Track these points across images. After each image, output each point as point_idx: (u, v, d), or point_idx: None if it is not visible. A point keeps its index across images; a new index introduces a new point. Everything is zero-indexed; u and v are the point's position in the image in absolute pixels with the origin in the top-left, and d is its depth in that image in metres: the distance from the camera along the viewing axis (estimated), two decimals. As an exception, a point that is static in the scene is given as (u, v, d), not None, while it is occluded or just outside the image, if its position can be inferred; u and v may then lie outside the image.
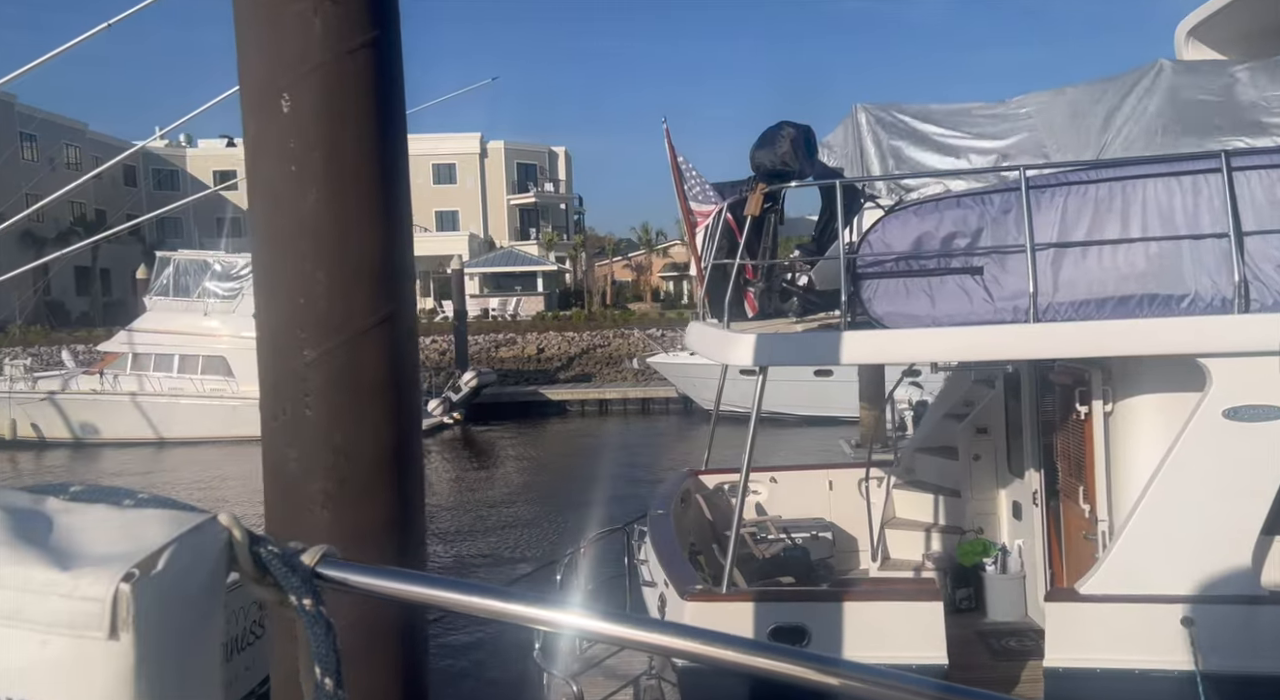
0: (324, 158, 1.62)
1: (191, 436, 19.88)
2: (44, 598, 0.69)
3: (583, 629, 0.83)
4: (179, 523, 0.74)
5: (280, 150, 1.63)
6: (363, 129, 1.66)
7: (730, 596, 5.06)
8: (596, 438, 22.04)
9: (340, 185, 1.63)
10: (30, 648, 0.69)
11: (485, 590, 0.84)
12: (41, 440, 20.90)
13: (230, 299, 21.51)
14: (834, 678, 0.76)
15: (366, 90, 1.66)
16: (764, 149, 5.43)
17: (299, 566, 0.79)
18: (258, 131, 1.67)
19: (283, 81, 1.63)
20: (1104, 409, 5.18)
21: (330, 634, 0.79)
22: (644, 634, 0.83)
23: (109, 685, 0.68)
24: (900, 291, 4.99)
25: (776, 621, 4.95)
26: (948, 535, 7.25)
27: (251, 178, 1.71)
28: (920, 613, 4.81)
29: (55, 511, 0.76)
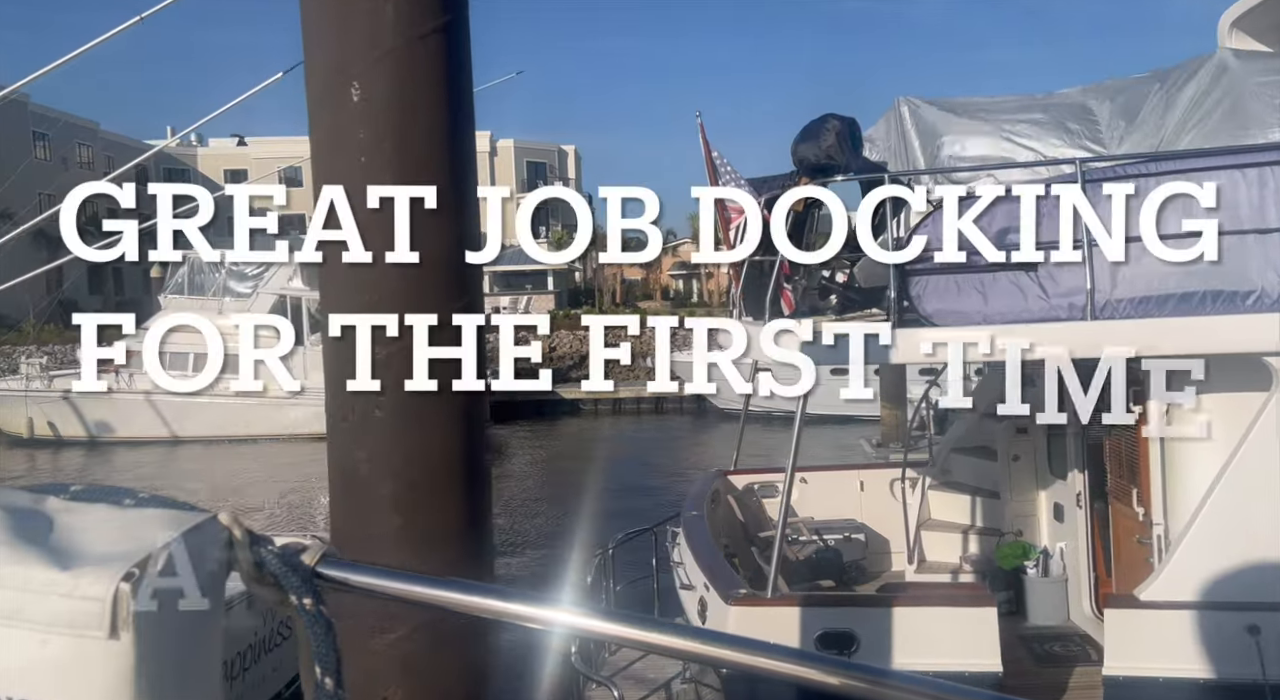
0: (394, 148, 1.57)
1: (207, 435, 19.84)
2: (44, 597, 0.68)
3: (582, 628, 0.82)
4: (179, 522, 0.74)
5: (350, 141, 1.58)
6: (433, 118, 1.61)
7: (775, 601, 4.92)
8: (612, 437, 21.95)
9: (410, 177, 1.59)
10: (30, 647, 0.68)
11: (485, 591, 0.84)
12: (58, 439, 20.90)
13: (246, 297, 21.46)
14: (835, 678, 0.74)
15: (437, 78, 1.61)
16: (807, 142, 5.29)
17: (299, 566, 0.79)
18: (327, 121, 1.63)
19: (353, 69, 1.57)
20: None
21: (330, 633, 0.78)
22: (644, 633, 0.81)
23: (109, 685, 0.68)
24: (950, 288, 4.85)
25: (823, 627, 4.82)
26: (985, 537, 7.10)
27: (319, 170, 1.66)
28: (973, 619, 4.67)
29: (55, 511, 0.75)
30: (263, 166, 48.36)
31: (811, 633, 4.81)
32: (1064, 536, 6.48)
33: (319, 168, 1.66)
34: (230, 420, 20.06)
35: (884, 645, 4.72)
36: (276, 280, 21.97)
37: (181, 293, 21.71)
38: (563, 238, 50.63)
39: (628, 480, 15.97)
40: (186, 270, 21.76)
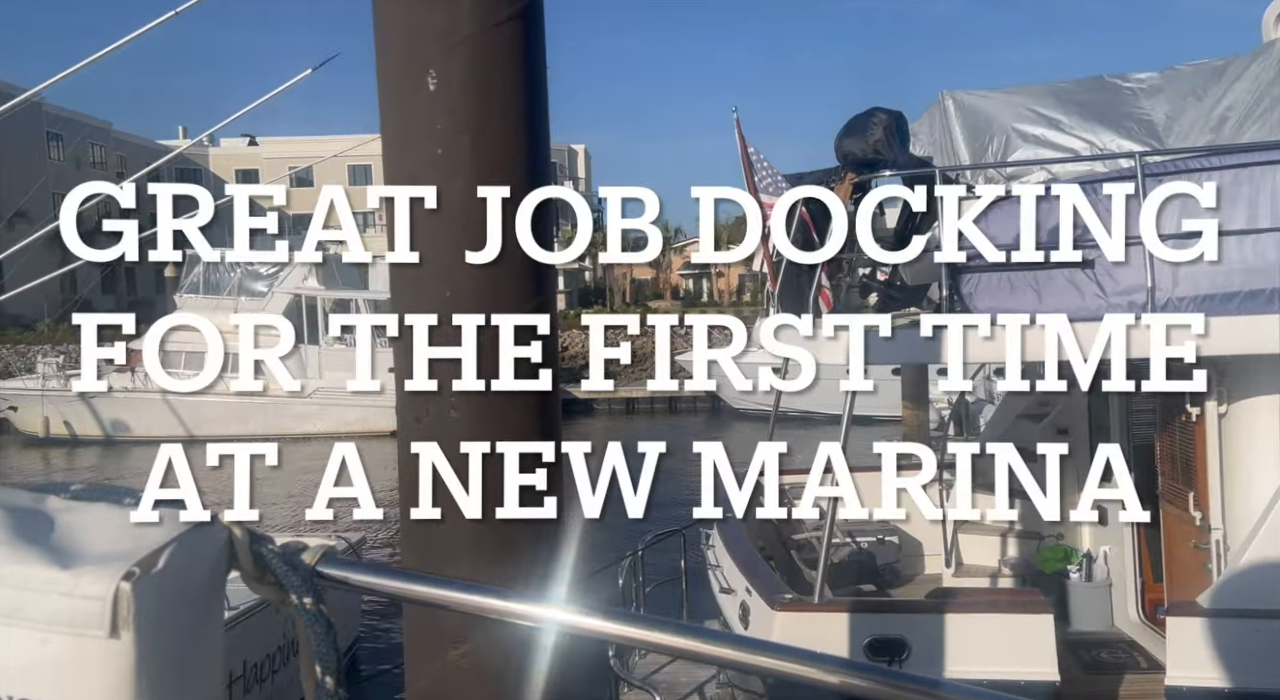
0: (472, 140, 1.51)
1: (222, 434, 19.84)
2: (45, 596, 0.68)
3: (582, 628, 0.82)
4: (179, 522, 0.73)
5: (427, 131, 1.52)
6: (509, 109, 1.55)
7: (823, 606, 4.79)
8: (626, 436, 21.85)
9: (488, 171, 1.51)
10: (31, 646, 0.68)
11: (484, 591, 0.84)
12: (74, 438, 20.94)
13: (260, 297, 21.46)
14: (836, 678, 0.74)
15: (513, 66, 1.54)
16: (853, 136, 5.14)
17: (299, 565, 0.78)
18: (401, 112, 1.55)
19: (429, 56, 1.50)
20: (1218, 411, 4.88)
21: (330, 633, 0.77)
22: (644, 633, 0.80)
23: (109, 684, 0.67)
24: (1004, 286, 4.71)
25: (872, 633, 4.68)
26: (1024, 541, 6.95)
27: (392, 162, 1.58)
28: (1030, 626, 4.53)
29: (56, 510, 0.74)
30: (274, 166, 48.48)
31: (860, 639, 4.68)
32: (1107, 540, 6.34)
33: (392, 160, 1.59)
34: (245, 419, 20.06)
35: (936, 652, 4.59)
36: (291, 280, 21.96)
37: (196, 292, 21.72)
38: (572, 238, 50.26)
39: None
40: (201, 270, 21.77)
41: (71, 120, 43.79)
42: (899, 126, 5.18)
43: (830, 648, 4.99)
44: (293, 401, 20.68)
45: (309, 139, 48.12)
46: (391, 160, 1.58)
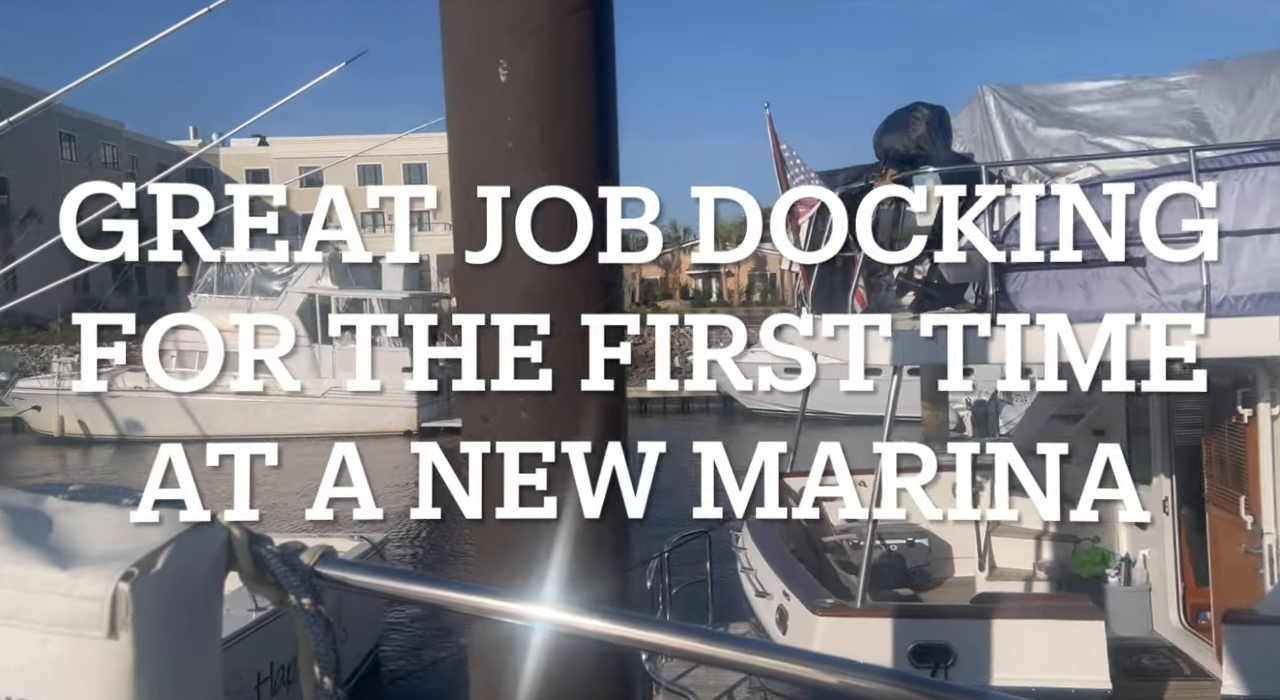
0: (542, 132, 1.47)
1: (235, 434, 19.83)
2: (44, 597, 0.68)
3: (582, 628, 0.82)
4: (178, 522, 0.73)
5: (496, 124, 1.47)
6: (580, 101, 1.51)
7: (866, 612, 4.69)
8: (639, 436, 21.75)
9: (558, 164, 1.48)
10: (30, 646, 0.68)
11: (483, 591, 0.85)
12: (88, 437, 20.96)
13: (275, 296, 21.45)
14: (836, 677, 0.74)
15: (584, 58, 1.51)
16: (895, 132, 5.03)
17: (298, 565, 0.78)
18: (471, 104, 1.50)
19: (500, 46, 1.46)
20: (1271, 412, 4.75)
21: (330, 633, 0.77)
22: (646, 633, 0.80)
23: (108, 684, 0.67)
24: (1051, 285, 4.59)
25: (916, 639, 4.58)
26: (1059, 544, 6.82)
27: (458, 156, 1.54)
28: (1081, 633, 4.41)
29: (55, 511, 0.74)
30: (284, 166, 48.56)
31: (904, 645, 4.57)
32: (1147, 544, 6.21)
33: (459, 153, 1.53)
34: (258, 419, 20.05)
35: (982, 659, 4.48)
36: (304, 280, 21.94)
37: (211, 292, 21.72)
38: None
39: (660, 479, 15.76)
40: (215, 270, 21.76)
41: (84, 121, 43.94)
42: (941, 122, 5.07)
43: (872, 653, 4.88)
44: (306, 401, 20.65)
45: (319, 139, 48.20)
46: (458, 153, 1.54)
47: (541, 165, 1.45)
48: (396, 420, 20.74)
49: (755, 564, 5.85)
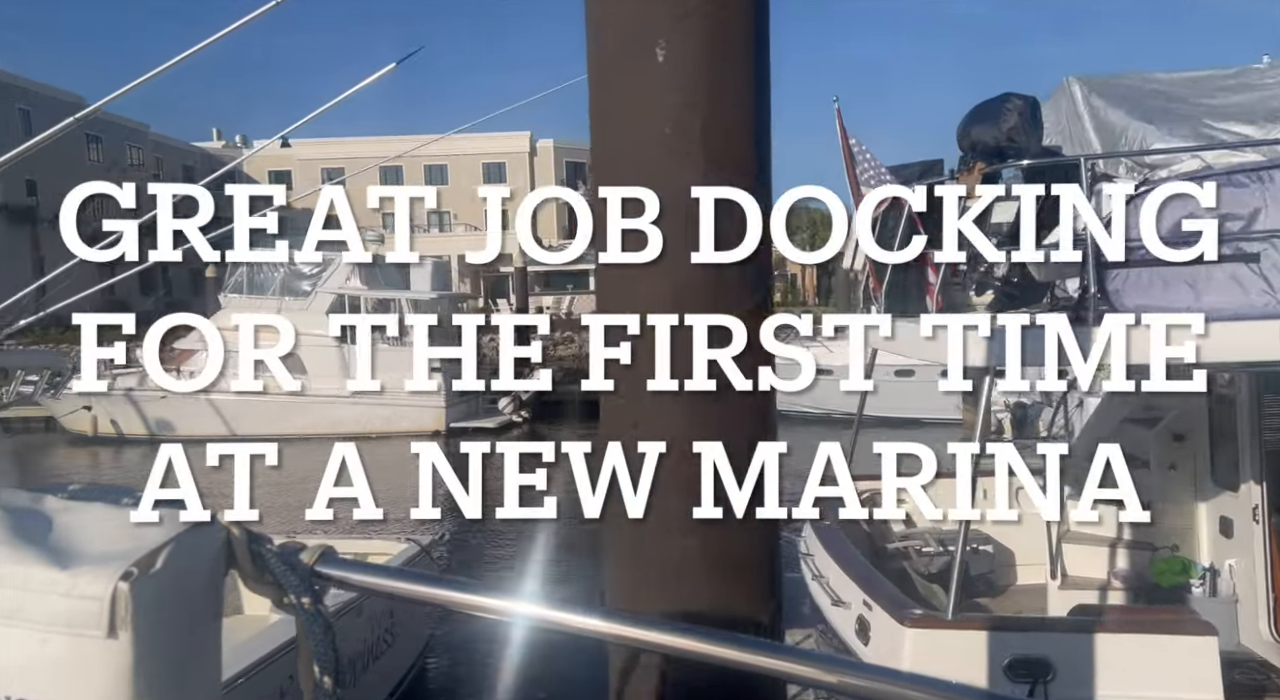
0: (703, 120, 1.39)
1: (265, 433, 19.85)
2: (43, 596, 0.68)
3: (583, 628, 0.81)
4: (177, 522, 0.73)
5: (653, 108, 1.39)
6: (740, 86, 1.44)
7: (958, 624, 4.49)
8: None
9: (718, 154, 1.40)
10: (30, 646, 0.68)
11: (483, 591, 0.84)
12: (120, 437, 21.05)
13: (305, 296, 21.47)
14: (835, 676, 0.73)
15: (744, 41, 1.43)
16: (984, 124, 4.82)
17: (298, 565, 0.78)
18: (626, 88, 1.42)
19: (659, 27, 1.39)
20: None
21: (329, 633, 0.77)
22: (650, 634, 0.80)
23: (108, 684, 0.67)
24: (1156, 283, 4.38)
25: (1014, 652, 4.37)
26: (1135, 552, 6.58)
27: (606, 145, 1.46)
28: (1193, 648, 4.20)
29: (54, 510, 0.74)
30: (306, 167, 48.83)
31: (999, 659, 4.36)
32: (1233, 553, 5.96)
33: (609, 140, 1.44)
34: (288, 419, 20.05)
35: (1085, 674, 4.26)
36: (334, 280, 21.95)
37: (241, 292, 21.77)
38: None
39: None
40: (245, 269, 21.81)
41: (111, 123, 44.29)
42: (1034, 113, 4.86)
43: (966, 667, 4.67)
44: (336, 401, 20.66)
45: (341, 140, 48.39)
46: (606, 141, 1.46)
47: (703, 154, 1.37)
48: (426, 420, 20.70)
49: (826, 571, 5.65)
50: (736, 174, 1.38)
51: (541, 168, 51.53)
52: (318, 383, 20.66)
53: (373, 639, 6.44)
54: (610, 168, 1.42)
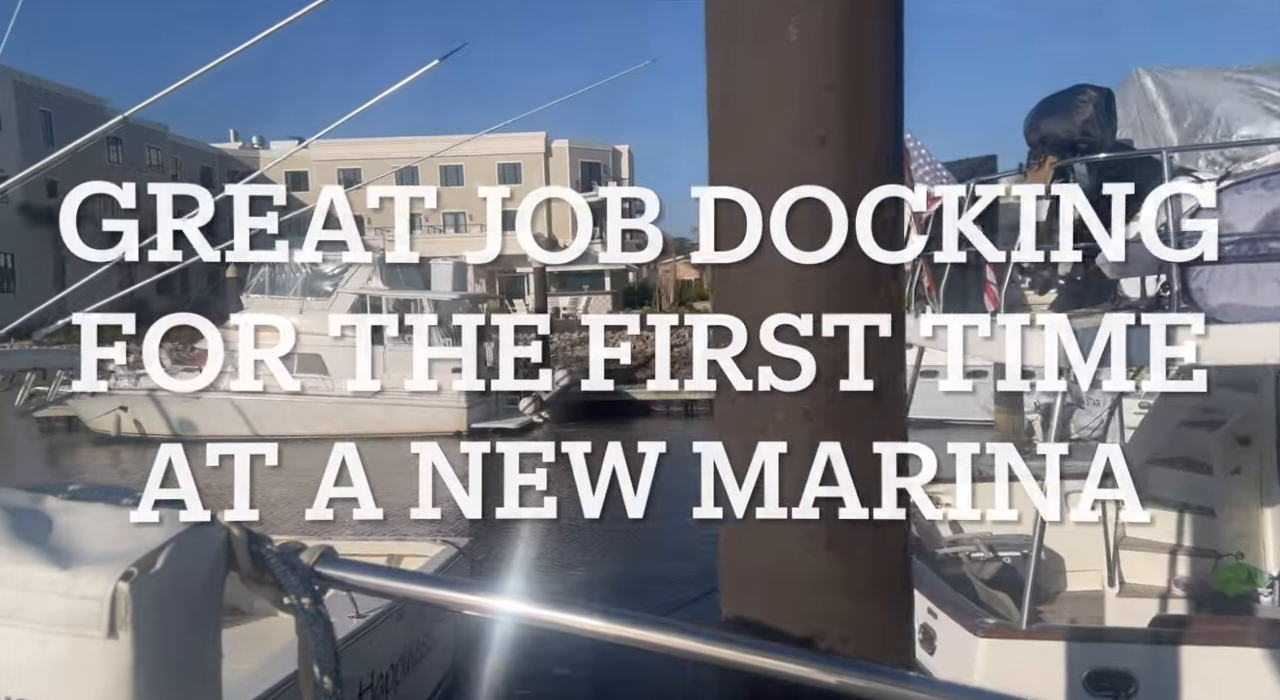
0: (840, 104, 1.30)
1: (286, 433, 19.85)
2: (43, 597, 0.68)
3: (585, 629, 0.80)
4: (177, 522, 0.73)
5: (784, 92, 1.31)
6: (878, 67, 1.35)
7: (1034, 634, 4.33)
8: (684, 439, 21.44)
9: (855, 141, 1.31)
10: (30, 646, 0.68)
11: (483, 591, 0.84)
12: (143, 436, 21.13)
13: (326, 296, 21.48)
14: (835, 677, 0.73)
15: (882, 18, 1.35)
16: (1056, 116, 4.65)
17: (298, 565, 0.78)
18: (751, 71, 1.33)
19: (791, 4, 1.31)
20: None
21: (329, 632, 0.77)
22: (650, 634, 0.78)
23: (108, 684, 0.67)
24: (1243, 280, 4.21)
25: (1092, 665, 4.21)
26: (1198, 559, 6.37)
27: (728, 131, 1.37)
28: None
29: (54, 511, 0.74)
30: (323, 168, 48.98)
31: (1078, 671, 4.20)
32: (1303, 560, 5.78)
33: (733, 126, 1.35)
34: (309, 419, 20.05)
35: (1169, 688, 4.09)
36: (355, 280, 21.95)
37: (263, 292, 21.79)
38: (613, 238, 50.26)
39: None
40: (267, 270, 21.84)
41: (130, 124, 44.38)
42: (1108, 105, 4.69)
43: (1042, 679, 4.51)
44: (357, 401, 20.65)
45: (356, 141, 48.50)
46: (731, 126, 1.36)
47: (839, 137, 1.28)
48: (447, 420, 20.65)
49: (886, 579, 5.50)
50: (873, 162, 1.30)
51: (557, 168, 51.50)
52: (339, 383, 20.70)
53: (412, 640, 6.37)
54: (732, 155, 1.34)
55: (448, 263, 24.56)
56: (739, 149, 1.34)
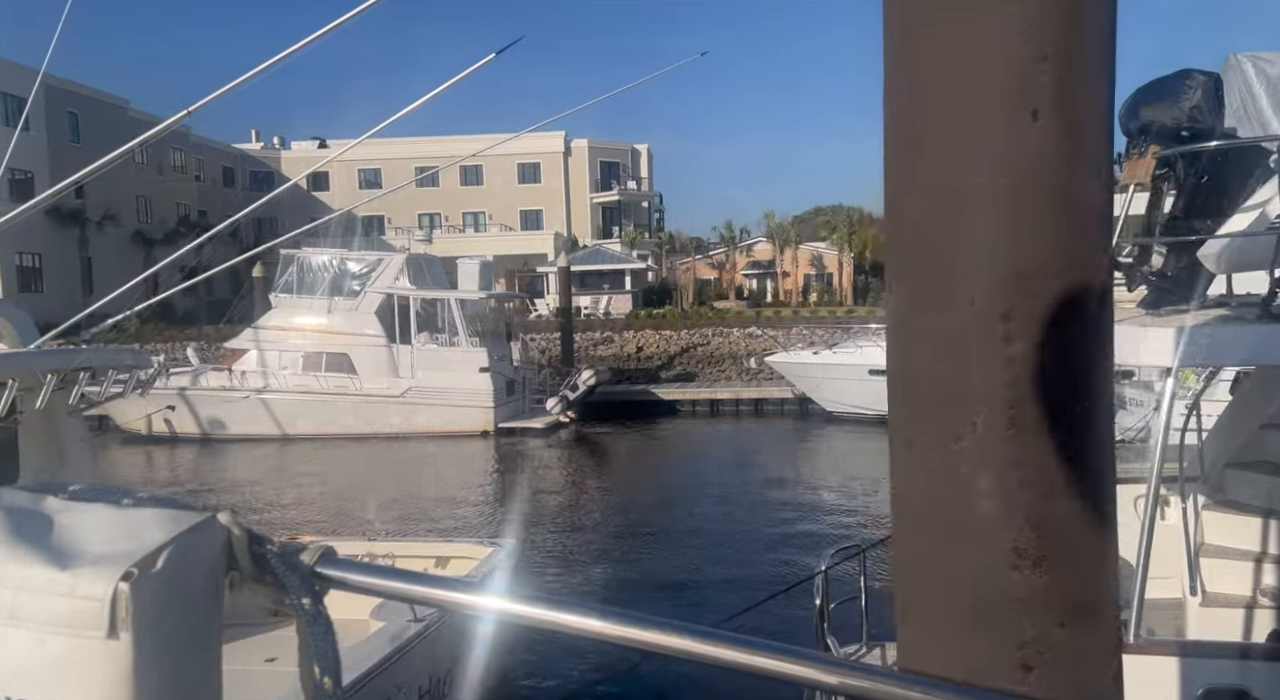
0: (1056, 76, 1.17)
1: (315, 433, 19.81)
2: (43, 597, 0.68)
3: (584, 630, 0.81)
4: (178, 522, 0.74)
5: (989, 61, 1.17)
6: (1098, 35, 1.21)
7: (1145, 648, 4.13)
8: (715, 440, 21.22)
9: (1071, 117, 1.17)
10: (29, 647, 0.68)
11: (484, 591, 0.82)
12: (174, 436, 21.15)
13: (354, 296, 21.42)
14: (835, 677, 0.74)
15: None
16: (1161, 103, 4.41)
17: (298, 565, 0.78)
18: (948, 38, 1.20)
19: None
20: None
21: (330, 633, 0.76)
22: (650, 634, 0.78)
23: (108, 684, 0.68)
24: None
25: (1208, 682, 4.00)
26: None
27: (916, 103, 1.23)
28: None
29: (54, 511, 0.75)
30: (343, 169, 49.08)
31: (1192, 689, 4.00)
32: (1403, 569, 5.53)
33: (924, 98, 1.21)
34: (338, 418, 19.99)
35: None
36: (383, 280, 21.88)
37: (291, 292, 21.76)
38: (635, 238, 50.41)
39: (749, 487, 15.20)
40: (295, 269, 21.81)
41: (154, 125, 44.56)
42: (1216, 91, 4.45)
43: (1153, 697, 4.33)
44: (387, 401, 20.56)
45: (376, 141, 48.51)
46: (922, 97, 1.23)
47: (1052, 113, 1.15)
48: (474, 420, 20.55)
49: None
50: (1089, 140, 1.17)
51: (576, 168, 51.36)
52: (368, 383, 20.63)
53: (465, 647, 6.26)
54: (921, 130, 1.20)
55: (474, 262, 24.45)
56: (929, 123, 1.20)
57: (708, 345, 30.51)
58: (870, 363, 19.64)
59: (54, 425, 6.86)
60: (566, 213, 50.69)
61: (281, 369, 20.63)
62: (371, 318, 21.15)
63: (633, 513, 13.36)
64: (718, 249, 51.89)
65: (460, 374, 20.21)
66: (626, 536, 11.85)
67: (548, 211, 50.15)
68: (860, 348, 20.34)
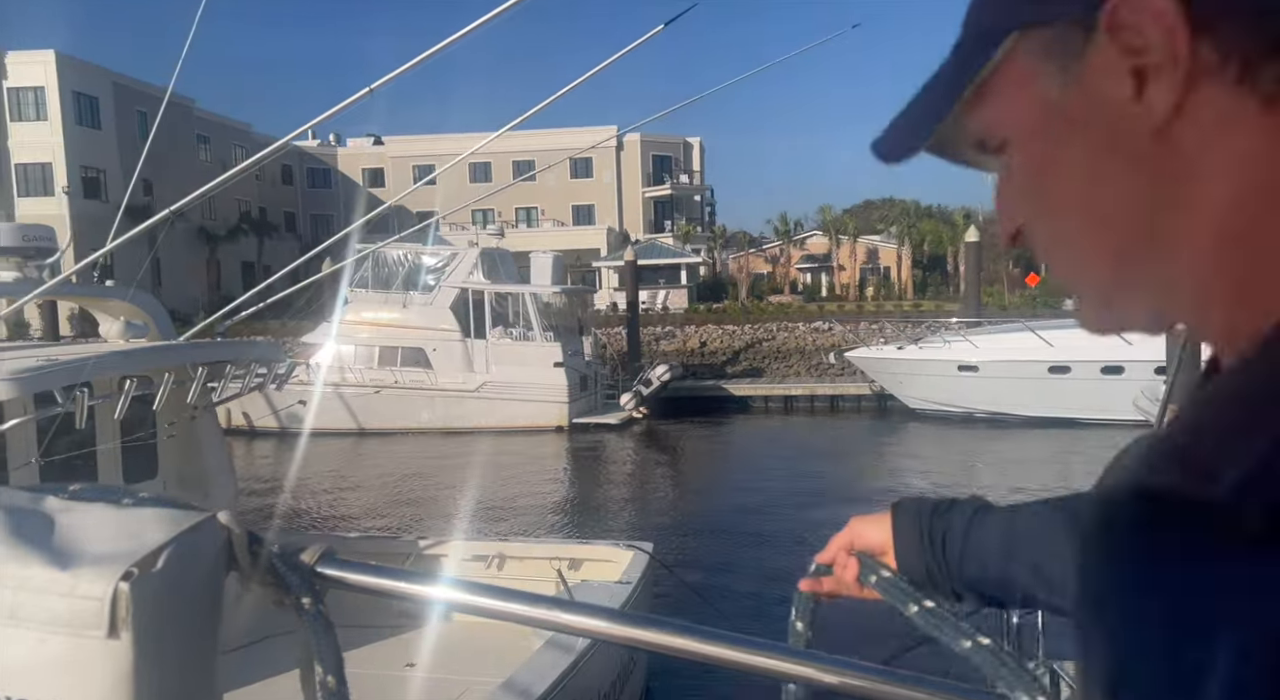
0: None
1: (391, 427, 19.74)
2: (43, 596, 0.68)
3: (588, 630, 0.80)
4: (178, 522, 0.73)
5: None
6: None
7: None
8: (795, 437, 20.62)
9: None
10: (29, 646, 0.68)
11: (484, 591, 0.83)
12: (252, 429, 21.25)
13: (429, 291, 21.30)
14: (835, 677, 0.75)
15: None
16: None
17: (298, 565, 0.78)
18: None
19: None
20: None
21: (330, 632, 0.76)
22: (650, 634, 0.78)
23: (108, 684, 0.67)
24: None
25: None
26: None
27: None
28: None
29: (55, 510, 0.75)
30: (398, 165, 49.37)
31: None
32: None
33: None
34: (414, 413, 19.88)
35: None
36: (457, 274, 21.72)
37: (366, 287, 21.72)
38: (689, 232, 49.85)
39: (833, 485, 14.63)
40: (371, 264, 21.75)
41: (219, 124, 45.62)
42: None
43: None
44: (462, 396, 20.39)
45: (430, 137, 48.76)
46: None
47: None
48: (548, 415, 20.28)
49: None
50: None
51: (628, 162, 50.97)
52: (443, 377, 20.49)
53: (625, 659, 5.90)
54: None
55: (547, 256, 24.16)
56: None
57: (773, 340, 29.90)
58: (959, 359, 18.91)
59: (191, 421, 6.64)
60: (619, 207, 50.33)
61: (356, 364, 20.59)
62: (446, 312, 21.01)
63: (749, 514, 12.77)
64: (771, 243, 51.09)
65: (535, 369, 19.97)
66: (755, 544, 11.22)
67: (600, 206, 49.84)
68: (947, 343, 19.61)
